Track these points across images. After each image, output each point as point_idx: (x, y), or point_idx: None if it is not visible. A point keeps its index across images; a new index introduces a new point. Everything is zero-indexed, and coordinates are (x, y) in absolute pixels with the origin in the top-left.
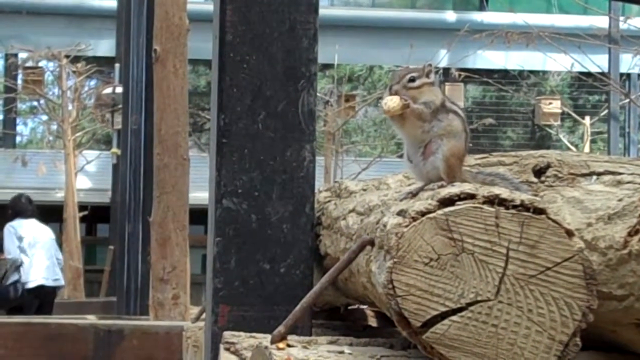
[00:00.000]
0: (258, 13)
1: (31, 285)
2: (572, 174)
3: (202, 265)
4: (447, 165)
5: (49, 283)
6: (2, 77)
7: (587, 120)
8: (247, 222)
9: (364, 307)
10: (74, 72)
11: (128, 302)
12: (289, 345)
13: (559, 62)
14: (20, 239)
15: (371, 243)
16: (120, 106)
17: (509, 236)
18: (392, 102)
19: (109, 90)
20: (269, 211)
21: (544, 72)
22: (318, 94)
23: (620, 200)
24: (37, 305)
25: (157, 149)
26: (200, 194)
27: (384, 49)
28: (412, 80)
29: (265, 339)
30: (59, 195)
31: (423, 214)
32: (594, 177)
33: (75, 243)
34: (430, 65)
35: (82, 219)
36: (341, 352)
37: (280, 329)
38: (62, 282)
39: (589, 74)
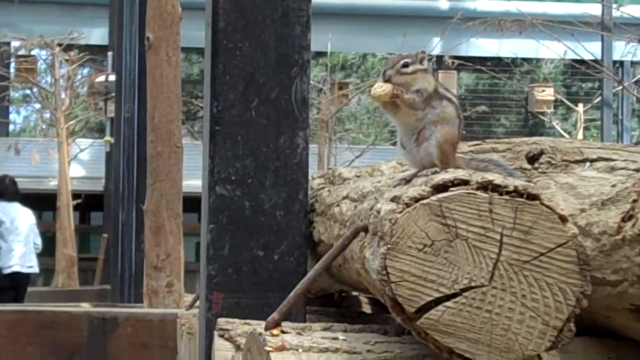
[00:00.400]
0: (251, 0)
1: (7, 270)
2: (565, 160)
3: (196, 252)
4: (441, 151)
5: (24, 270)
6: None
7: (580, 107)
8: (241, 209)
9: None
10: (66, 60)
11: (122, 290)
12: (283, 332)
13: (552, 50)
14: None
15: (365, 229)
16: (113, 94)
17: (502, 222)
18: (380, 89)
19: (101, 78)
20: (263, 198)
21: (537, 60)
22: (311, 82)
23: (613, 186)
24: (13, 290)
25: (150, 137)
26: (193, 182)
27: (377, 37)
28: (406, 65)
29: (259, 325)
30: (53, 184)
31: (417, 200)
32: (587, 163)
33: (69, 231)
34: (423, 52)
35: (76, 207)
36: (335, 339)
37: (274, 315)
38: (36, 269)
39: (582, 62)
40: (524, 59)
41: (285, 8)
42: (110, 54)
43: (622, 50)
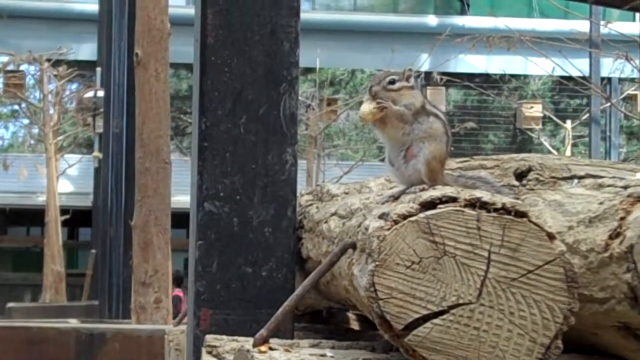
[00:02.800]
0: (239, 16)
1: None
2: (553, 177)
3: (184, 269)
4: (429, 168)
5: None
6: None
7: (568, 124)
8: (229, 226)
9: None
10: (55, 75)
11: (110, 306)
12: (271, 349)
13: (540, 66)
14: None
15: (353, 246)
16: (101, 110)
17: (490, 239)
18: (367, 107)
19: (90, 94)
20: (251, 215)
21: (525, 76)
22: (300, 98)
23: (601, 203)
24: None
25: (138, 153)
26: (182, 198)
27: (365, 53)
28: (392, 82)
29: (247, 342)
30: (41, 199)
31: (405, 217)
32: (575, 180)
33: (57, 247)
34: (410, 70)
35: (64, 223)
36: (323, 355)
37: (262, 332)
38: None
39: (570, 78)
40: (512, 76)
41: (274, 24)
42: (99, 69)
43: (610, 67)
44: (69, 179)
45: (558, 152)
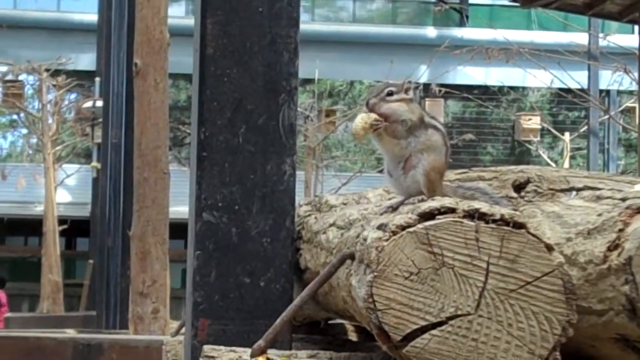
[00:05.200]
0: (239, 27)
1: None
2: (551, 189)
3: (182, 279)
4: (428, 179)
5: None
6: None
7: (566, 136)
8: (227, 236)
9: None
10: (54, 85)
11: (107, 316)
12: (268, 359)
13: (539, 79)
14: None
15: (351, 257)
16: (100, 120)
17: (489, 250)
18: (359, 124)
19: (89, 104)
20: (249, 225)
21: (524, 88)
22: (298, 109)
23: (599, 215)
24: None
25: (137, 163)
26: (180, 208)
27: (364, 64)
28: (390, 94)
29: (245, 352)
30: (39, 209)
31: (403, 227)
32: (574, 192)
33: (54, 257)
34: (410, 82)
35: (62, 233)
36: None
37: (260, 342)
38: None
39: (568, 90)
40: (510, 88)
41: (273, 35)
42: (97, 79)
43: (608, 79)
44: (67, 189)
45: (556, 164)
